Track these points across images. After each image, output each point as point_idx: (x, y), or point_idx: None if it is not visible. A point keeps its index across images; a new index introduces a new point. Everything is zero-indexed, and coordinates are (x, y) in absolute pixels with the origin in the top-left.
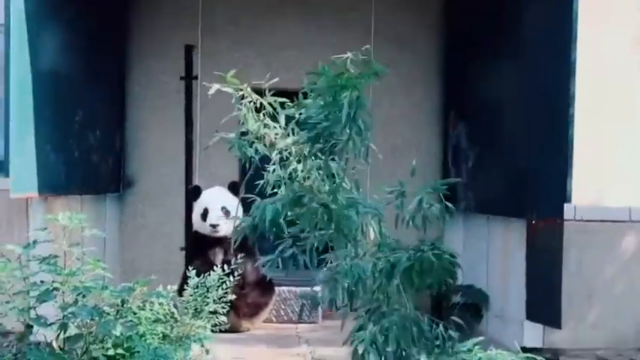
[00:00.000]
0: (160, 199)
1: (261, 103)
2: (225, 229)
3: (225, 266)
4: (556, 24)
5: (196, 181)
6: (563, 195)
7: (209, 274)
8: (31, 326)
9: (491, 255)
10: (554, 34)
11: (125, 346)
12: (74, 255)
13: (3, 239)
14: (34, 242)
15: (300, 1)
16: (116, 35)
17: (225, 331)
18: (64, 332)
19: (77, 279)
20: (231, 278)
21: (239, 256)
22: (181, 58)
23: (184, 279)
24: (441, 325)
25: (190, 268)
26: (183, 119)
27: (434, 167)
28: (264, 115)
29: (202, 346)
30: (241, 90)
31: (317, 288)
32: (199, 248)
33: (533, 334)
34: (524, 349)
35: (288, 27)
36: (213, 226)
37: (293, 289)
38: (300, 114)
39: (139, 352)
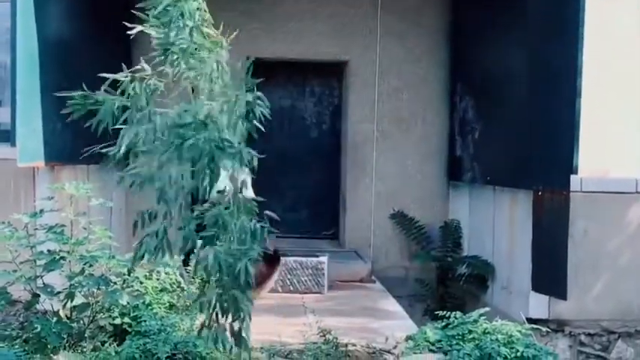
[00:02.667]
0: None
1: None
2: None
3: None
4: None
5: None
6: (569, 166)
7: None
8: (38, 295)
9: (497, 226)
10: (562, 5)
11: (132, 315)
12: (81, 224)
13: (10, 208)
14: (41, 211)
15: None
16: (121, 3)
17: None
18: (71, 301)
19: (84, 248)
20: None
21: None
22: None
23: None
24: None
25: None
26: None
27: (440, 139)
28: None
29: None
30: None
31: (322, 259)
32: None
33: (539, 305)
34: (530, 320)
35: None
36: (221, 192)
37: (299, 259)
38: None
39: (145, 321)
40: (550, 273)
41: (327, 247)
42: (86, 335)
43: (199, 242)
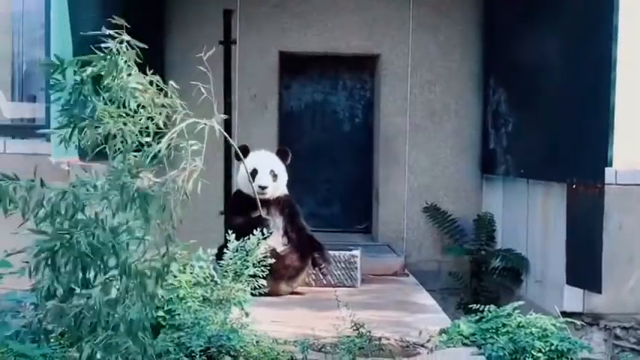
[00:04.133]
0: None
1: None
2: (271, 191)
3: (265, 228)
4: None
5: (235, 147)
6: (604, 159)
7: (248, 238)
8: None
9: (530, 219)
10: None
11: (166, 308)
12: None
13: None
14: None
15: None
16: (155, 1)
17: (265, 295)
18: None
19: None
20: (269, 241)
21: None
22: (220, 23)
23: (224, 242)
24: None
25: (231, 226)
26: (222, 84)
27: (473, 132)
28: None
29: (242, 309)
30: None
31: (355, 252)
32: (242, 207)
33: (573, 298)
34: (564, 314)
35: None
36: (262, 187)
37: (332, 252)
38: None
39: (179, 314)
40: (584, 266)
41: (360, 240)
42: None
43: None
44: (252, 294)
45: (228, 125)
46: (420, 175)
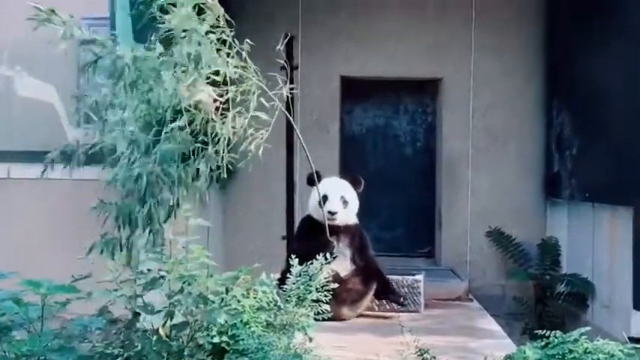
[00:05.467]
0: (262, 188)
1: None
2: (341, 218)
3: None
4: None
5: (297, 171)
6: None
7: (312, 263)
8: (139, 314)
9: (596, 243)
10: None
11: (230, 333)
12: (179, 244)
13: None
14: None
15: None
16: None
17: (328, 320)
18: (171, 320)
19: (182, 267)
20: (333, 266)
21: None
22: (282, 49)
23: (286, 266)
24: None
25: (295, 250)
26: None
27: (537, 155)
28: None
29: (305, 334)
30: None
31: (418, 277)
32: (310, 232)
33: None
34: (632, 339)
35: (386, 17)
36: (332, 213)
37: (395, 277)
38: None
39: (243, 339)
40: None
41: (423, 265)
42: (185, 354)
43: None
44: (315, 319)
45: (290, 149)
46: (483, 198)
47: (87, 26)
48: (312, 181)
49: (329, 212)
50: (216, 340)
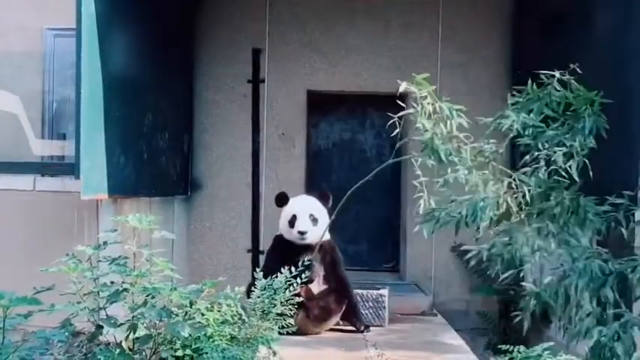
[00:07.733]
0: (227, 201)
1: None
2: (312, 236)
3: (295, 268)
4: None
5: (263, 185)
6: None
7: (276, 276)
8: (101, 326)
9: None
10: (628, 34)
11: (193, 347)
12: (143, 256)
13: (74, 240)
14: (105, 243)
15: (367, 6)
16: (185, 39)
17: (293, 334)
18: (134, 333)
19: (146, 280)
20: (299, 281)
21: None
22: (249, 62)
23: (252, 281)
24: None
25: (269, 271)
26: (251, 122)
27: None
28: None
29: (270, 347)
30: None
31: (383, 291)
32: (283, 253)
33: None
34: None
35: (354, 32)
36: (301, 232)
37: (359, 291)
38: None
39: (207, 353)
40: None
41: (388, 279)
42: None
43: None
44: (280, 333)
45: (256, 161)
46: None
47: (53, 37)
48: (280, 201)
49: (299, 232)
50: (179, 353)
